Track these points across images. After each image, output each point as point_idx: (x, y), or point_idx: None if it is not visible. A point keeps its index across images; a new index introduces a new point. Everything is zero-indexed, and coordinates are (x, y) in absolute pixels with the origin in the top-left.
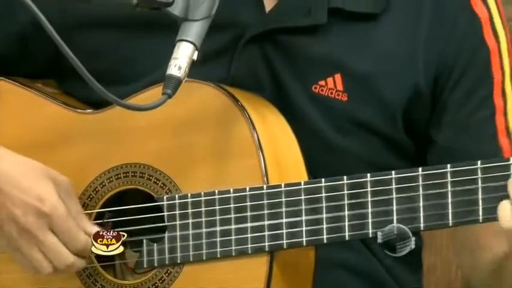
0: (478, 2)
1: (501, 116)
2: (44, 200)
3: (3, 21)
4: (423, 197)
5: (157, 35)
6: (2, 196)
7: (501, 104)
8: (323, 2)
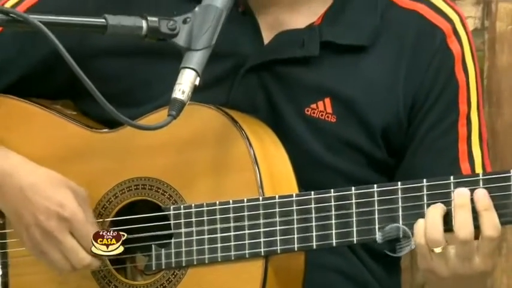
0: (453, 40)
1: (464, 143)
2: (64, 206)
3: (27, 50)
4: (402, 208)
5: (164, 63)
6: (28, 203)
7: (465, 133)
8: (315, 36)
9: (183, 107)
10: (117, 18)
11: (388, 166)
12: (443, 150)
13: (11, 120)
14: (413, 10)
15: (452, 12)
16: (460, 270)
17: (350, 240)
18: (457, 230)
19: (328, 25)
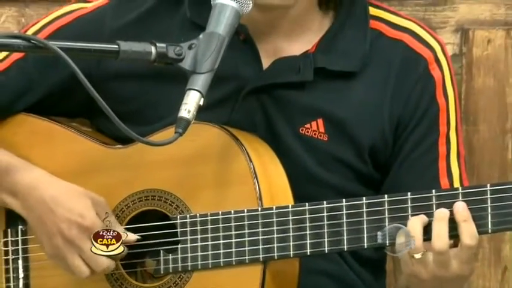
0: (435, 67)
1: (443, 161)
2: (84, 216)
3: (48, 73)
4: (388, 218)
5: (171, 85)
6: (51, 215)
7: (444, 151)
8: (310, 63)
9: (189, 125)
10: (128, 44)
11: (374, 180)
12: (425, 167)
13: (34, 138)
14: (399, 40)
15: (434, 42)
16: (438, 273)
17: (341, 248)
18: (434, 241)
19: (322, 53)
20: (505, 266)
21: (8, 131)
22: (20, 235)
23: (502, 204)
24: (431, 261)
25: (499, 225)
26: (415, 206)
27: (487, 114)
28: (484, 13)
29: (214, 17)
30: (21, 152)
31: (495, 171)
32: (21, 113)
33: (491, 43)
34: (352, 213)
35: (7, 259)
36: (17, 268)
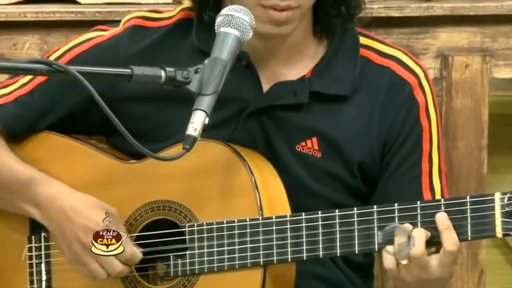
0: (419, 92)
1: (426, 176)
2: (99, 224)
3: (68, 94)
4: (377, 227)
5: (180, 105)
6: (70, 223)
7: (427, 168)
8: (306, 87)
9: (195, 141)
10: (140, 69)
11: (362, 193)
12: (409, 182)
13: (54, 153)
14: (386, 66)
15: (417, 68)
16: (421, 277)
17: (334, 253)
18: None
19: (316, 78)
20: (481, 269)
21: (31, 147)
22: (43, 241)
23: (481, 215)
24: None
25: (478, 233)
26: (401, 215)
27: (465, 132)
28: (462, 41)
29: (218, 44)
30: (43, 166)
31: (472, 183)
32: (43, 130)
33: (468, 68)
34: (344, 222)
35: (31, 263)
36: (40, 271)
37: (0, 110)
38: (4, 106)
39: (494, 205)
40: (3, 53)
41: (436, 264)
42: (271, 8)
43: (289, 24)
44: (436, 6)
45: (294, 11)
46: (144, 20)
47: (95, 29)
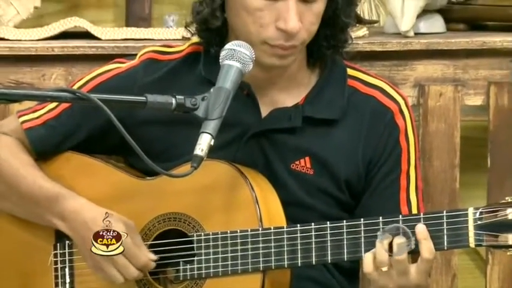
0: (399, 118)
1: (404, 192)
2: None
3: (90, 119)
4: (364, 237)
5: (189, 129)
6: (91, 233)
7: (405, 184)
8: (299, 113)
9: (202, 161)
10: (153, 96)
11: (350, 206)
12: (389, 196)
13: (78, 171)
14: (371, 95)
15: (398, 97)
16: (401, 283)
17: (325, 260)
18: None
19: (309, 104)
20: (454, 273)
21: (56, 166)
22: (67, 248)
23: (455, 227)
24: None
25: (453, 243)
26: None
27: (440, 152)
28: (436, 72)
29: (222, 75)
30: (67, 183)
31: (446, 198)
32: (68, 151)
33: (442, 96)
34: (334, 233)
35: (56, 267)
36: (64, 275)
37: (30, 131)
38: (34, 128)
39: (467, 219)
40: (33, 82)
41: (414, 270)
42: (277, 46)
43: (292, 57)
44: (414, 41)
45: (296, 48)
46: (157, 54)
47: (114, 62)
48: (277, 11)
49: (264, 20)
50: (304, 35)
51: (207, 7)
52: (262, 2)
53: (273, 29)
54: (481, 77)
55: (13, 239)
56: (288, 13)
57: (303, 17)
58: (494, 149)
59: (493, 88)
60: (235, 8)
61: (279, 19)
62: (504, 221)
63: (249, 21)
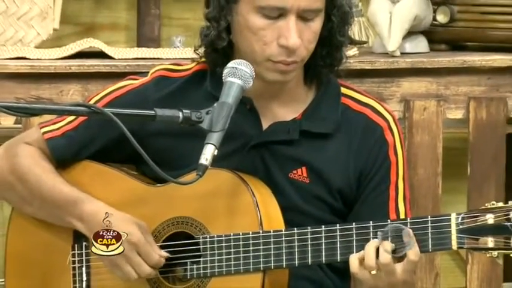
0: (388, 133)
1: (393, 202)
2: (132, 234)
3: (105, 131)
4: (356, 240)
5: (194, 140)
6: None
7: (394, 195)
8: (297, 126)
9: (207, 169)
10: (162, 110)
11: (342, 212)
12: (379, 206)
13: (94, 178)
14: (362, 112)
15: (387, 114)
16: (388, 281)
17: (320, 260)
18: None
19: (306, 119)
20: (436, 272)
21: (75, 173)
22: (84, 249)
23: (439, 231)
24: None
25: (437, 246)
26: (375, 231)
27: (424, 162)
28: (421, 88)
29: (225, 91)
30: (85, 189)
31: (430, 202)
32: (85, 160)
33: (426, 110)
34: (329, 236)
35: (74, 266)
36: (81, 273)
37: (51, 141)
38: (54, 139)
39: (450, 223)
40: (52, 98)
41: (400, 269)
42: (279, 62)
43: (292, 73)
44: (400, 60)
45: (297, 64)
46: (167, 71)
47: (127, 78)
48: (278, 29)
49: (267, 39)
50: (303, 52)
51: (214, 30)
52: (265, 22)
53: (276, 46)
54: (462, 93)
55: (35, 240)
56: (289, 31)
57: (302, 34)
58: (473, 158)
59: (473, 103)
60: (239, 29)
61: (281, 37)
62: (484, 225)
63: (253, 40)
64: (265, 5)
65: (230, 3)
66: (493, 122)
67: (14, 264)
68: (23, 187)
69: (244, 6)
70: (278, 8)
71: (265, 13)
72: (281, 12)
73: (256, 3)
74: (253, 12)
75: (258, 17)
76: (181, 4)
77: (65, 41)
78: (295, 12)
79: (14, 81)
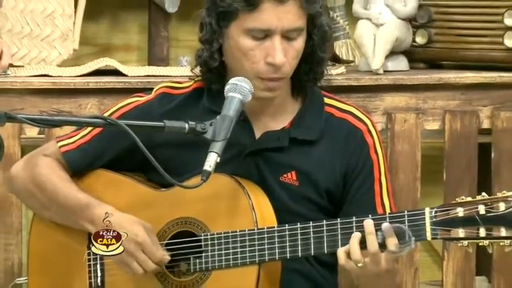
0: (368, 136)
1: (378, 197)
2: (138, 235)
3: (118, 141)
4: (340, 234)
5: (198, 149)
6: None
7: (378, 190)
8: (286, 135)
9: (210, 175)
10: (170, 122)
11: (329, 210)
12: (366, 202)
13: (106, 184)
14: (344, 118)
15: (366, 119)
16: (373, 270)
17: (309, 253)
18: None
19: (294, 128)
20: (416, 267)
21: (90, 181)
22: None
23: (415, 224)
24: (369, 263)
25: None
26: (358, 225)
27: (404, 168)
28: (401, 102)
29: (226, 105)
30: (98, 195)
31: (409, 205)
32: (99, 169)
33: (406, 122)
34: (316, 231)
35: (89, 264)
36: (96, 270)
37: (66, 154)
38: (70, 152)
39: (425, 217)
40: (72, 111)
41: (384, 259)
42: (267, 79)
43: (279, 90)
44: (383, 77)
45: (282, 80)
46: (169, 89)
47: (134, 96)
48: (265, 49)
49: (255, 58)
50: (288, 69)
51: (207, 51)
52: (253, 43)
53: (263, 64)
54: (438, 107)
55: (54, 242)
56: (275, 50)
57: (286, 53)
58: (448, 165)
59: (448, 116)
60: (231, 50)
61: (268, 55)
62: (455, 218)
63: (243, 60)
64: (253, 27)
65: (221, 28)
66: (466, 132)
67: (35, 263)
68: (41, 194)
69: (234, 30)
70: (264, 29)
71: (253, 35)
72: (267, 33)
73: (244, 26)
74: (243, 35)
75: (246, 38)
76: (188, 28)
77: (84, 60)
78: (279, 33)
79: (37, 96)
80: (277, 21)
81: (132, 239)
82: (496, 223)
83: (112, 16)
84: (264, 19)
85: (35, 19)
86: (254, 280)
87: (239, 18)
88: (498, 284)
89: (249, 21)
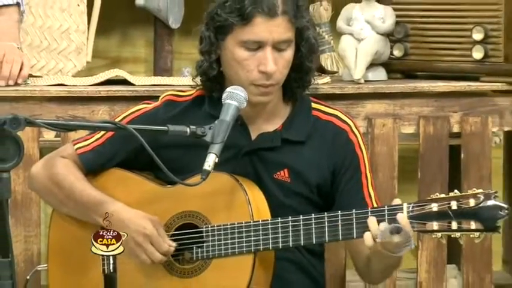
0: (352, 135)
1: (366, 189)
2: (146, 228)
3: (127, 144)
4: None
5: (199, 150)
6: (127, 229)
7: (365, 183)
8: (278, 136)
9: (209, 173)
10: (173, 126)
11: (319, 204)
12: (355, 193)
13: (118, 182)
14: (330, 121)
15: (349, 121)
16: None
17: (299, 243)
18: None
19: (285, 129)
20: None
21: (103, 179)
22: None
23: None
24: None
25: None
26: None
27: (383, 167)
28: (380, 109)
29: (224, 111)
30: (109, 191)
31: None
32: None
33: (385, 126)
34: (306, 223)
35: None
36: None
37: (82, 156)
38: (85, 153)
39: (403, 211)
40: (85, 116)
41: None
42: (260, 85)
43: (271, 95)
44: (364, 86)
45: (274, 86)
46: (174, 96)
47: (142, 103)
48: (258, 59)
49: (249, 67)
50: (279, 76)
51: (206, 62)
52: (247, 53)
53: (256, 73)
54: (413, 112)
55: (70, 234)
56: (266, 59)
57: (277, 62)
58: (423, 165)
59: (422, 121)
60: (227, 61)
61: (261, 64)
62: (430, 212)
63: (238, 69)
64: (247, 40)
65: (219, 40)
66: (439, 136)
67: (55, 254)
68: (59, 192)
69: (230, 42)
70: (257, 41)
71: (247, 46)
72: (259, 44)
73: (239, 39)
74: (238, 46)
75: (241, 49)
76: (189, 42)
77: (96, 71)
78: (270, 44)
79: (54, 103)
80: (268, 33)
81: (141, 231)
82: (467, 217)
83: (122, 32)
84: (257, 32)
85: (52, 34)
86: (250, 267)
87: (234, 32)
88: (467, 271)
89: (243, 34)
